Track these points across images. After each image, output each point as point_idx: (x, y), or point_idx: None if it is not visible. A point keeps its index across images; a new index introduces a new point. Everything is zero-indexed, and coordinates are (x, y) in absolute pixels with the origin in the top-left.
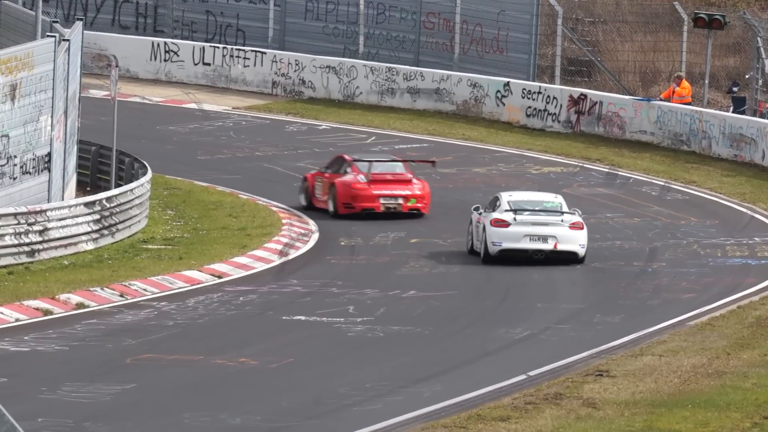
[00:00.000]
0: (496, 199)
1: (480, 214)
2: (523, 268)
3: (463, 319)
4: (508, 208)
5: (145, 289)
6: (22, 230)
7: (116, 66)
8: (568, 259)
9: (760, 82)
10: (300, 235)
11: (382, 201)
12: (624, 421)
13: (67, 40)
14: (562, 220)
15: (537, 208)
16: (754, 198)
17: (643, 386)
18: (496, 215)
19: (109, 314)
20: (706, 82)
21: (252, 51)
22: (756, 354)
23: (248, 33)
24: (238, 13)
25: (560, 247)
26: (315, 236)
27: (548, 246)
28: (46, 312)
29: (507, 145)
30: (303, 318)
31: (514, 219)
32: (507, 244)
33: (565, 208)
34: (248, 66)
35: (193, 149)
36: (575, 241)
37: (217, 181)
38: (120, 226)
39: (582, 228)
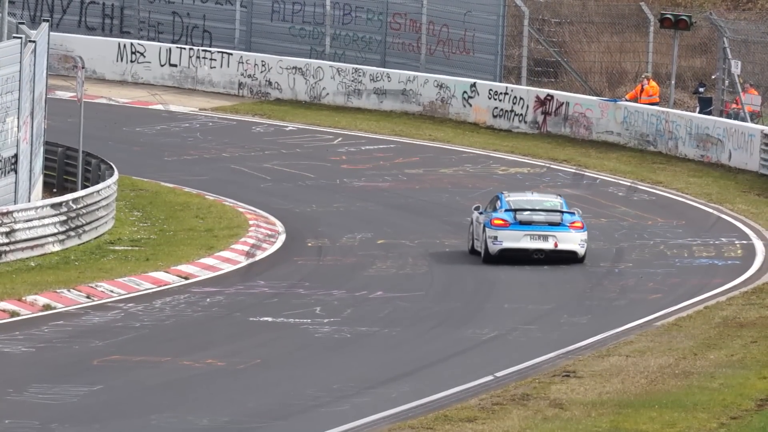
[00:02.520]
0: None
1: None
2: (491, 269)
3: (430, 320)
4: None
5: (111, 291)
6: None
7: (82, 67)
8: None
9: (727, 82)
10: (267, 236)
11: None
12: (591, 422)
13: (34, 41)
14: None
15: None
16: (721, 198)
17: (610, 387)
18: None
19: (76, 316)
20: (673, 82)
21: (218, 52)
22: (723, 354)
23: (215, 34)
24: (205, 15)
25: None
26: (282, 237)
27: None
28: (13, 314)
29: (474, 146)
30: (270, 319)
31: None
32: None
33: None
34: (215, 67)
35: (160, 150)
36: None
37: (184, 182)
38: (87, 228)
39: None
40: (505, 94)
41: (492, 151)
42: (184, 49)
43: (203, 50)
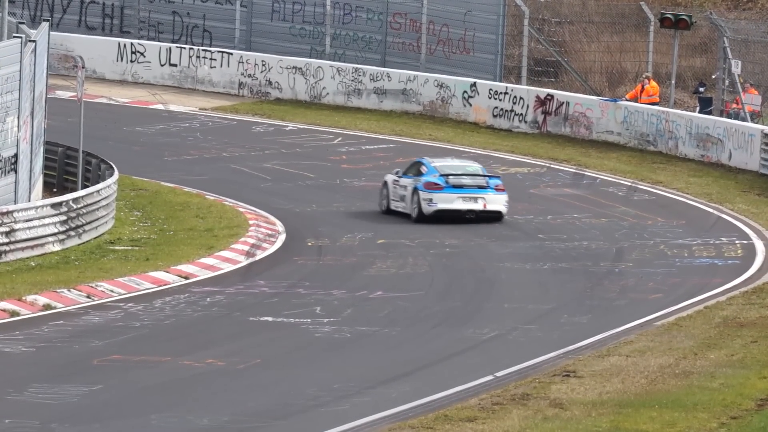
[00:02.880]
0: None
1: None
2: (491, 268)
3: (430, 320)
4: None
5: (111, 291)
6: None
7: (83, 67)
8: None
9: (727, 82)
10: (267, 236)
11: None
12: (591, 422)
13: (34, 41)
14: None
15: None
16: (721, 198)
17: (610, 386)
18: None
19: (76, 315)
20: (673, 82)
21: (218, 52)
22: (723, 354)
23: (215, 34)
24: (205, 14)
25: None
26: (282, 237)
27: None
28: (13, 313)
29: (474, 146)
30: (270, 319)
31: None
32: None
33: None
34: (215, 67)
35: (160, 150)
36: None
37: (184, 182)
38: (87, 228)
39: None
40: (506, 93)
41: (492, 150)
42: (184, 48)
43: (203, 50)
